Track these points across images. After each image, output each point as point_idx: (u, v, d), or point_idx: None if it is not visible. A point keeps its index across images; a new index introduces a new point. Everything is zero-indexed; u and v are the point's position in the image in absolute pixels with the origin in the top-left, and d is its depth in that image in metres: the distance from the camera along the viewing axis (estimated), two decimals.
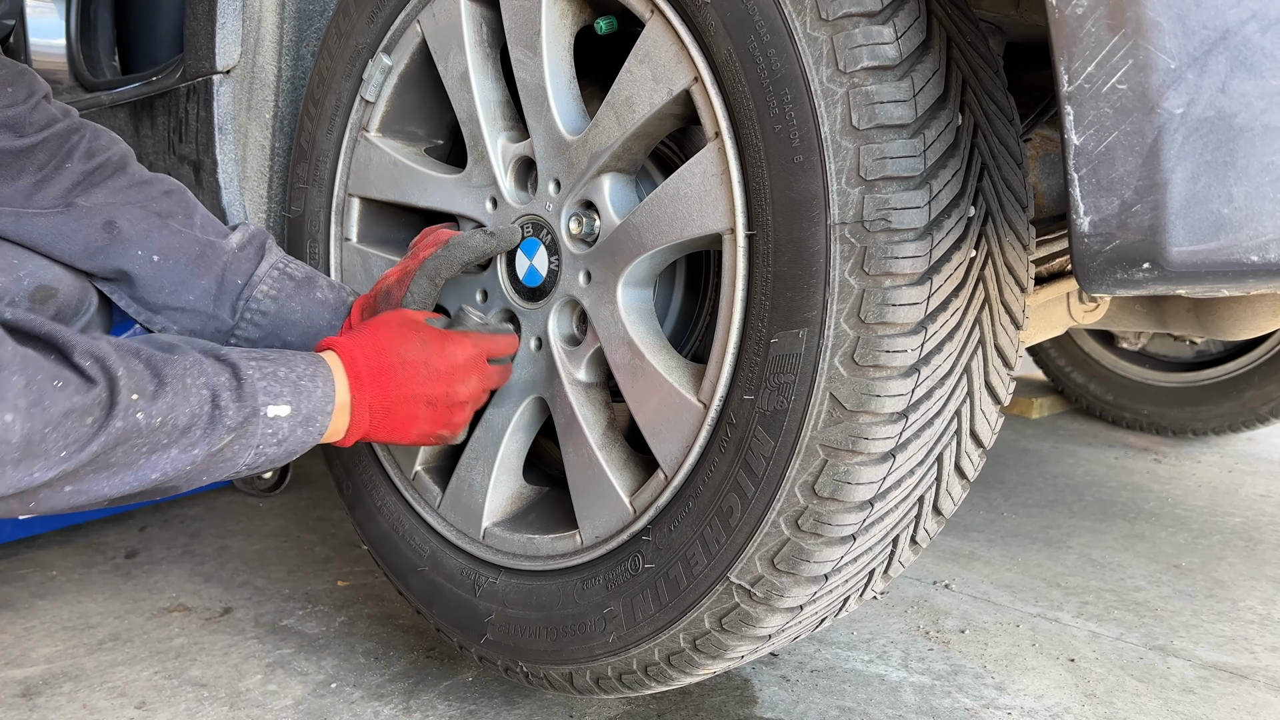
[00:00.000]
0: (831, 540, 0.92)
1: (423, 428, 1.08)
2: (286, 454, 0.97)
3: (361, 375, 1.03)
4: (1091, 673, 1.47)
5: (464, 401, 1.09)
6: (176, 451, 0.85)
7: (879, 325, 0.86)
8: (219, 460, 0.90)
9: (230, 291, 1.18)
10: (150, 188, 1.18)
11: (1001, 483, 2.51)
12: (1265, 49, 0.66)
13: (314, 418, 0.98)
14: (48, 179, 1.13)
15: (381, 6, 1.30)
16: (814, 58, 0.86)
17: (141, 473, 0.84)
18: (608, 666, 1.09)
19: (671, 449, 1.02)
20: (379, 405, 1.04)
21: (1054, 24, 0.71)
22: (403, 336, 1.06)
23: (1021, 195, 0.98)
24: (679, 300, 1.22)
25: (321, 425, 0.99)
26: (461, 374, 1.08)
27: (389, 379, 1.04)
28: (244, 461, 0.93)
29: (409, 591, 1.32)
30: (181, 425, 0.85)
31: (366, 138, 1.35)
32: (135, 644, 1.50)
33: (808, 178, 0.87)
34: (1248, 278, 0.69)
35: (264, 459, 0.95)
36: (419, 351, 1.06)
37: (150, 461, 0.84)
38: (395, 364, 1.05)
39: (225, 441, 0.89)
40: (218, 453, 0.89)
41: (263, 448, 0.94)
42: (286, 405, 0.94)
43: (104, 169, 1.17)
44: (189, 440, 0.86)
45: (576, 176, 1.10)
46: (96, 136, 1.17)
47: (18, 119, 1.11)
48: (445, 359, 1.07)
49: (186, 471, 0.87)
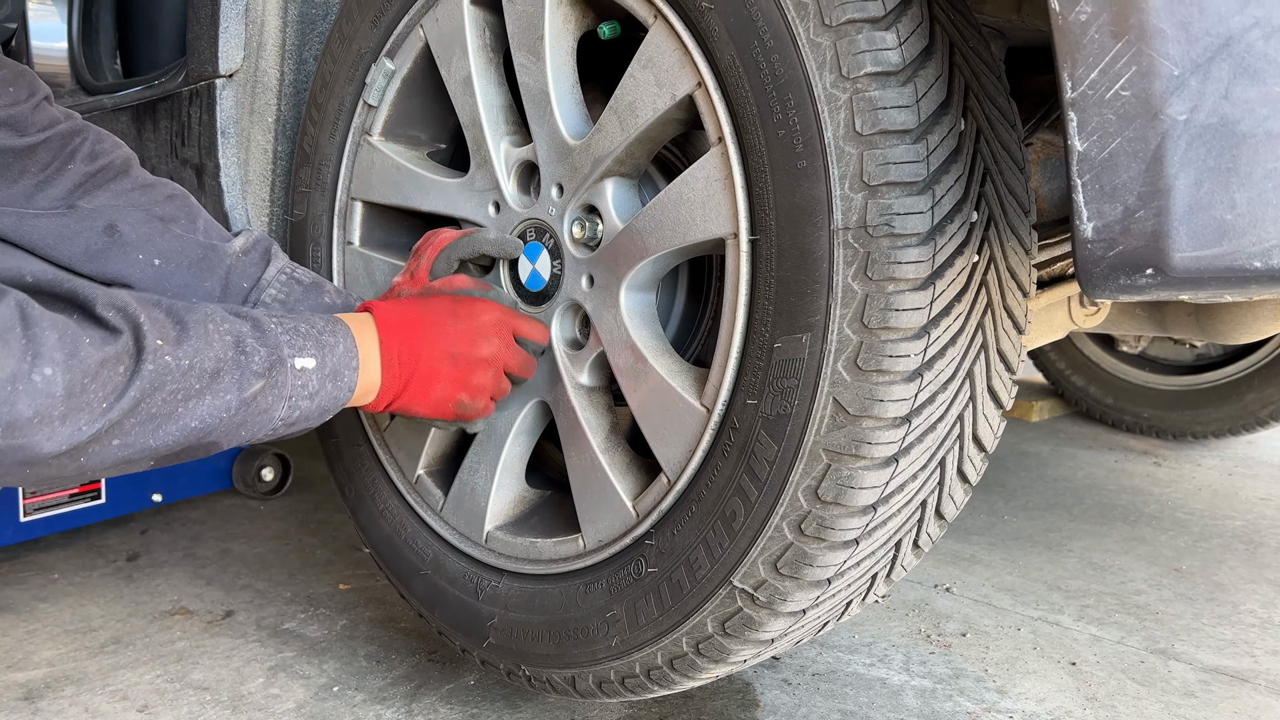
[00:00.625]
0: (834, 545, 0.93)
1: (445, 387, 1.07)
2: (320, 411, 0.98)
3: (391, 327, 1.05)
4: (1093, 676, 1.47)
5: (486, 361, 1.08)
6: (210, 399, 0.86)
7: (882, 330, 0.86)
8: (254, 411, 0.90)
9: (236, 295, 1.18)
10: (153, 191, 1.19)
11: (1002, 486, 2.51)
12: (1268, 55, 0.66)
13: (340, 372, 0.99)
14: (49, 180, 1.13)
15: (385, 11, 1.30)
16: (817, 63, 0.86)
17: (181, 422, 0.85)
18: (610, 670, 1.09)
19: (674, 453, 1.02)
20: (406, 355, 1.05)
21: (1057, 30, 0.71)
22: (431, 299, 1.10)
23: (1024, 200, 0.98)
24: (682, 304, 1.22)
25: (350, 381, 1.00)
26: (486, 331, 1.09)
27: (416, 331, 1.06)
28: (279, 415, 0.93)
29: (411, 595, 1.32)
30: (209, 369, 0.86)
31: (369, 142, 1.36)
32: (137, 647, 1.51)
33: (811, 183, 0.87)
34: (1250, 283, 0.69)
35: (298, 413, 0.95)
36: (447, 306, 1.09)
37: (188, 410, 0.85)
38: (423, 316, 1.07)
39: (256, 388, 0.89)
40: (251, 401, 0.89)
41: (295, 400, 0.94)
42: (311, 357, 0.95)
43: (106, 171, 1.17)
44: (219, 386, 0.87)
45: (579, 181, 1.10)
46: (100, 140, 1.17)
47: (19, 118, 1.11)
48: (470, 316, 1.09)
49: (224, 420, 0.88)
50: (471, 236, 1.18)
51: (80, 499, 1.92)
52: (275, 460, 2.27)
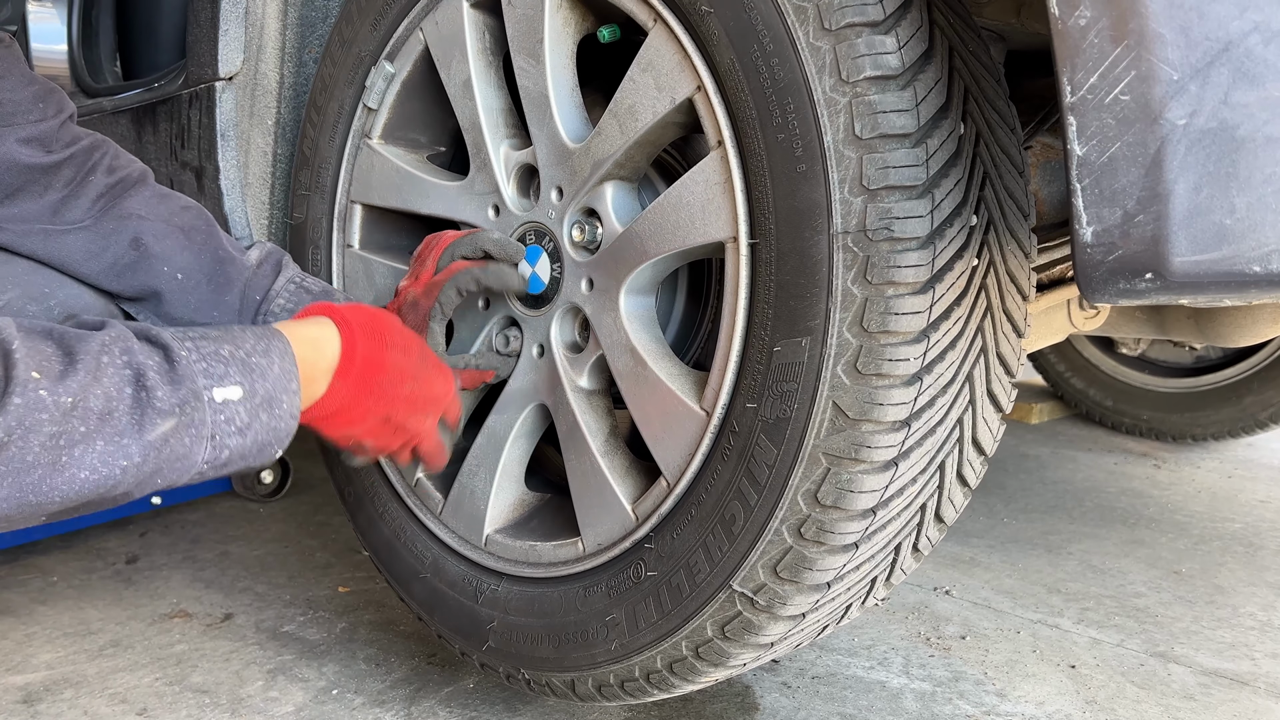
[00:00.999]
0: (834, 548, 0.92)
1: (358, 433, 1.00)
2: (258, 447, 0.85)
3: (351, 372, 0.96)
4: (1092, 679, 1.47)
5: (410, 433, 1.04)
6: (102, 444, 0.73)
7: (882, 334, 0.86)
8: (166, 457, 0.78)
9: (249, 307, 1.18)
10: (171, 202, 1.20)
11: (1001, 488, 2.51)
12: (1268, 60, 0.66)
13: (276, 399, 0.85)
14: (74, 194, 1.14)
15: (384, 14, 1.30)
16: (817, 67, 0.86)
17: (69, 474, 0.72)
18: (610, 674, 1.09)
19: (674, 456, 1.02)
20: (349, 405, 0.97)
21: (1057, 35, 0.71)
22: (406, 348, 1.02)
23: (1023, 204, 0.98)
24: (681, 307, 1.22)
25: (290, 407, 0.87)
26: (430, 406, 1.04)
27: (373, 387, 0.98)
28: (202, 457, 0.81)
29: (411, 598, 1.32)
30: (97, 409, 0.73)
31: (369, 145, 1.36)
32: (136, 650, 1.50)
33: (810, 187, 0.87)
34: (1250, 288, 0.69)
35: (228, 452, 0.83)
36: (415, 359, 1.02)
37: (74, 458, 0.72)
38: (388, 363, 0.99)
39: (163, 429, 0.77)
40: (160, 445, 0.77)
41: (221, 438, 0.81)
42: (236, 386, 0.82)
43: (125, 183, 1.18)
44: (113, 429, 0.74)
45: (579, 184, 1.10)
46: (117, 154, 1.19)
47: (47, 135, 1.12)
48: (426, 383, 1.03)
49: (125, 469, 0.75)
50: (475, 235, 1.18)
51: None
52: (275, 463, 2.26)
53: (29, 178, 1.11)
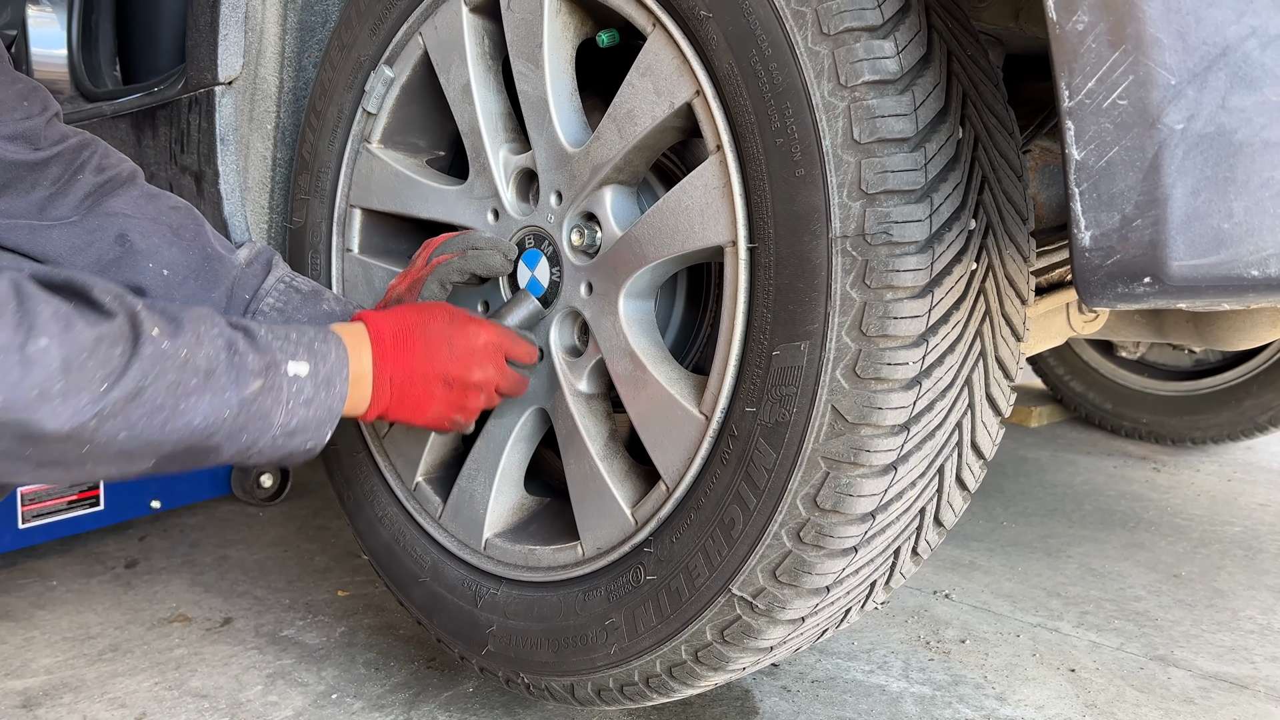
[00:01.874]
0: (833, 552, 0.92)
1: (439, 409, 1.07)
2: (316, 420, 0.96)
3: (385, 345, 1.04)
4: (1092, 683, 1.47)
5: (478, 386, 1.08)
6: (210, 397, 0.86)
7: (880, 338, 0.86)
8: (254, 414, 0.90)
9: (238, 305, 1.19)
10: (159, 201, 1.20)
11: (1001, 492, 2.51)
12: (1265, 65, 0.66)
13: (332, 380, 0.97)
14: (61, 191, 1.15)
15: (384, 19, 1.31)
16: (815, 72, 0.86)
17: (185, 419, 0.84)
18: (609, 678, 1.09)
19: (673, 460, 1.02)
20: (399, 378, 1.04)
21: (1055, 40, 0.71)
22: (429, 313, 1.08)
23: (1022, 208, 0.98)
24: (680, 312, 1.22)
25: (341, 390, 0.99)
26: (480, 357, 1.08)
27: (411, 353, 1.05)
28: (278, 420, 0.92)
29: (410, 602, 1.32)
30: (203, 368, 0.85)
31: (368, 149, 1.36)
32: (135, 654, 1.50)
33: (809, 191, 0.88)
34: (1248, 292, 0.70)
35: (296, 420, 0.94)
36: (443, 328, 1.07)
37: (190, 405, 0.84)
38: (419, 338, 1.06)
39: (254, 388, 0.89)
40: (251, 401, 0.89)
41: (293, 405, 0.93)
42: (304, 363, 0.95)
43: (114, 182, 1.19)
44: (217, 385, 0.86)
45: (578, 188, 1.10)
46: (106, 154, 1.20)
47: (33, 131, 1.13)
48: (466, 339, 1.08)
49: (227, 421, 0.87)
50: (465, 235, 1.20)
51: (78, 506, 1.92)
52: (274, 467, 2.27)
53: (15, 174, 1.12)
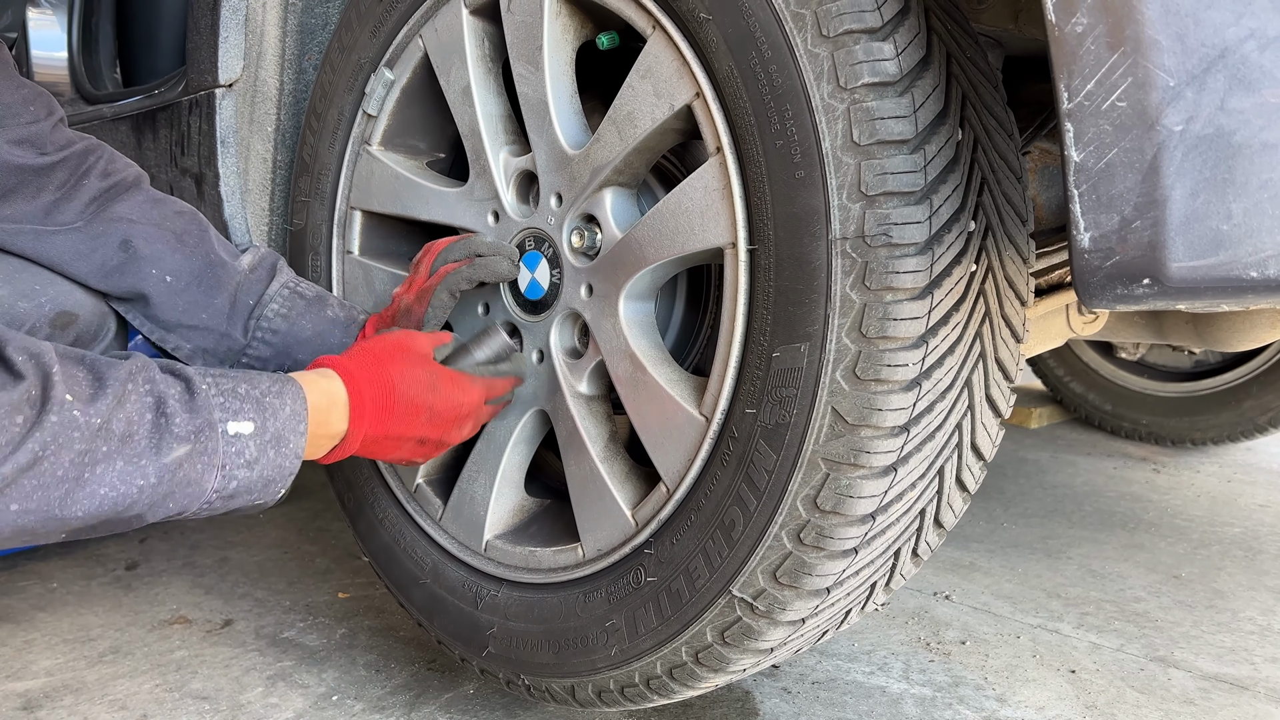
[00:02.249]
0: (833, 554, 0.93)
1: (403, 456, 1.07)
2: (262, 480, 0.90)
3: (365, 408, 0.99)
4: (1092, 684, 1.47)
5: (452, 441, 1.09)
6: (122, 464, 0.78)
7: (880, 339, 0.86)
8: (180, 481, 0.82)
9: (242, 311, 1.19)
10: (164, 206, 1.21)
11: (1001, 493, 2.51)
12: (1263, 67, 0.66)
13: (285, 437, 0.91)
14: (67, 196, 1.15)
15: (384, 21, 1.31)
16: (815, 74, 0.86)
17: (90, 489, 0.77)
18: (610, 680, 1.09)
19: (673, 462, 1.02)
20: (374, 435, 1.01)
21: (1054, 42, 0.71)
22: (412, 375, 1.03)
23: (1021, 209, 0.98)
24: (680, 313, 1.22)
25: (296, 447, 0.92)
26: (461, 420, 1.07)
27: (391, 417, 1.01)
28: (211, 485, 0.85)
29: (410, 604, 1.32)
30: (119, 432, 0.78)
31: (369, 151, 1.36)
32: (136, 657, 1.50)
33: (809, 193, 0.88)
34: (1247, 293, 0.70)
35: (235, 483, 0.87)
36: (426, 395, 1.03)
37: (96, 476, 0.77)
38: (399, 401, 1.01)
39: (177, 454, 0.81)
40: (174, 469, 0.81)
41: (230, 469, 0.86)
42: (249, 422, 0.88)
43: (119, 187, 1.19)
44: (133, 450, 0.79)
45: (578, 190, 1.10)
46: (113, 159, 1.20)
47: (39, 136, 1.14)
48: (450, 406, 1.05)
49: (144, 491, 0.80)
50: (467, 240, 1.20)
51: None
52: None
53: (21, 179, 1.12)
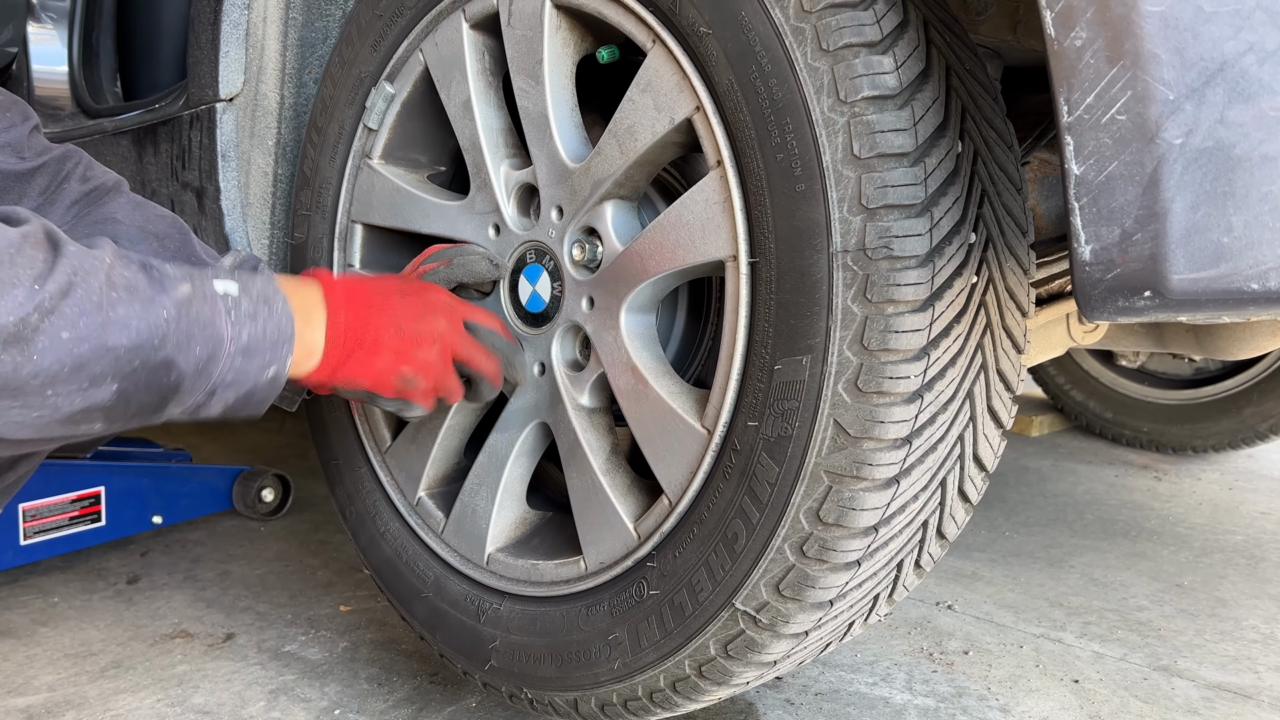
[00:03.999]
0: (836, 566, 0.93)
1: (388, 358, 1.04)
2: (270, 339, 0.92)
3: (337, 293, 1.02)
4: (1096, 694, 1.46)
5: (430, 336, 1.06)
6: (139, 305, 0.82)
7: (882, 352, 0.86)
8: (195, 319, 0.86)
9: None
10: (146, 210, 1.22)
11: (1002, 501, 2.51)
12: (1262, 80, 0.66)
13: (270, 299, 0.94)
14: (49, 201, 1.16)
15: (384, 35, 1.31)
16: (815, 87, 0.87)
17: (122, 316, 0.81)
18: (613, 693, 1.09)
19: (675, 474, 1.02)
20: (353, 323, 1.02)
21: (1053, 55, 0.72)
22: (381, 277, 1.10)
23: (1021, 221, 0.98)
24: (681, 325, 1.23)
25: (285, 309, 0.95)
26: (432, 308, 1.07)
27: (361, 300, 1.03)
28: (226, 332, 0.88)
29: (413, 617, 1.32)
30: (123, 284, 0.82)
31: (370, 165, 1.36)
32: (138, 671, 1.50)
33: (810, 206, 0.88)
34: (1248, 305, 0.70)
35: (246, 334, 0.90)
36: (395, 284, 1.08)
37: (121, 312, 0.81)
38: (370, 289, 1.05)
39: (184, 291, 0.85)
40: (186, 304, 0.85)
41: (236, 318, 0.89)
42: (231, 283, 0.91)
43: (100, 191, 1.20)
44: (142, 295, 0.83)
45: (579, 203, 1.11)
46: (90, 165, 1.21)
47: (18, 141, 1.15)
48: (417, 294, 1.08)
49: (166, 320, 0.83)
50: (456, 246, 1.23)
51: (80, 521, 1.92)
52: (275, 481, 2.27)
53: (4, 184, 1.13)
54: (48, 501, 1.85)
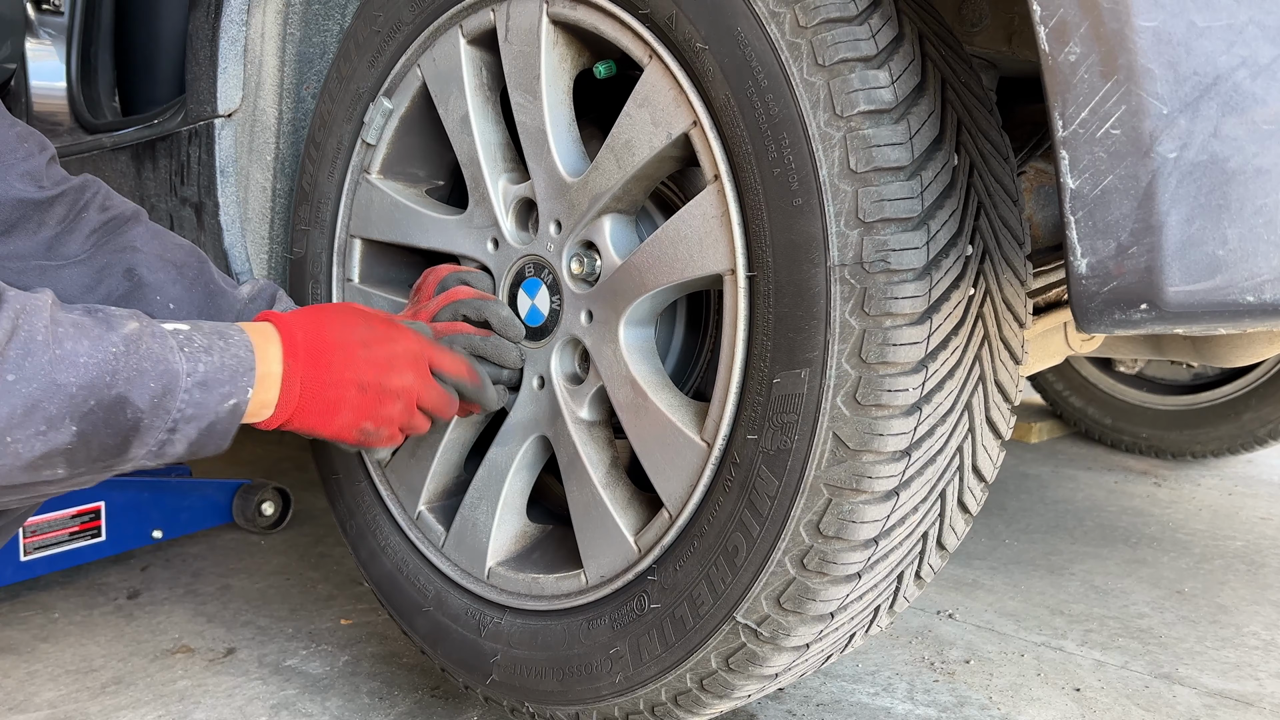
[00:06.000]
0: (837, 579, 0.93)
1: (349, 416, 1.02)
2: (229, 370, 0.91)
3: (298, 349, 0.98)
4: (1097, 702, 1.46)
5: (395, 393, 1.03)
6: (87, 342, 0.82)
7: (880, 365, 0.86)
8: (145, 355, 0.85)
9: None
10: (164, 239, 1.23)
11: (1002, 509, 2.51)
12: (1256, 94, 0.67)
13: (226, 334, 0.93)
14: (68, 230, 1.17)
15: (382, 51, 1.32)
16: (811, 102, 0.87)
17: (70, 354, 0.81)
18: (614, 707, 1.09)
19: (675, 488, 1.02)
20: (310, 381, 0.99)
21: (1048, 70, 0.72)
22: (346, 320, 1.04)
23: (1018, 232, 0.99)
24: (680, 338, 1.23)
25: (242, 341, 0.94)
26: (398, 363, 1.03)
27: (322, 358, 1.00)
28: (181, 367, 0.87)
29: (414, 631, 1.32)
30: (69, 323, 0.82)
31: (368, 180, 1.37)
32: (139, 687, 1.50)
33: (807, 220, 0.88)
34: (1244, 317, 0.70)
35: (202, 367, 0.89)
36: (360, 334, 1.03)
37: (70, 348, 0.81)
38: (333, 344, 1.01)
39: (131, 327, 0.85)
40: (134, 339, 0.85)
41: (189, 352, 0.89)
42: (182, 324, 0.91)
43: (119, 219, 1.21)
44: (89, 333, 0.83)
45: (577, 218, 1.11)
46: (109, 194, 1.22)
47: (37, 170, 1.15)
48: (384, 344, 1.03)
49: (115, 356, 0.83)
50: (484, 303, 1.16)
51: (80, 537, 1.92)
52: (275, 494, 2.27)
53: (23, 213, 1.13)
54: (48, 517, 1.85)
